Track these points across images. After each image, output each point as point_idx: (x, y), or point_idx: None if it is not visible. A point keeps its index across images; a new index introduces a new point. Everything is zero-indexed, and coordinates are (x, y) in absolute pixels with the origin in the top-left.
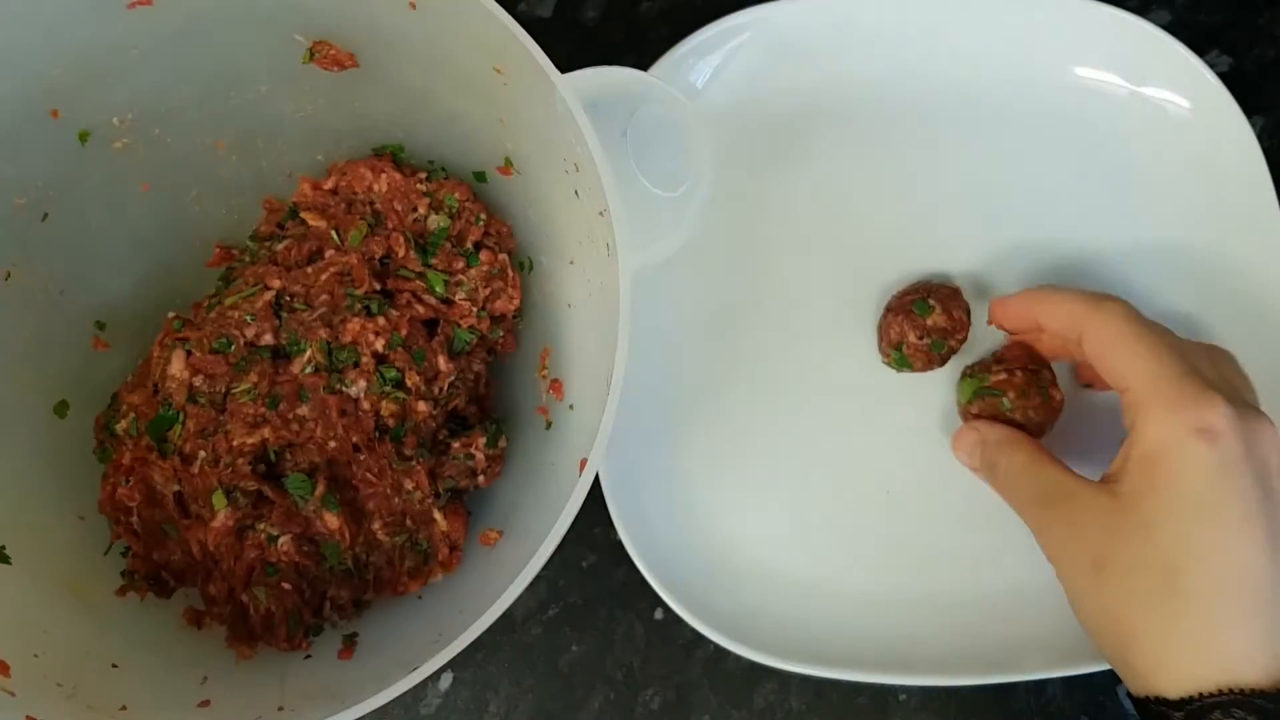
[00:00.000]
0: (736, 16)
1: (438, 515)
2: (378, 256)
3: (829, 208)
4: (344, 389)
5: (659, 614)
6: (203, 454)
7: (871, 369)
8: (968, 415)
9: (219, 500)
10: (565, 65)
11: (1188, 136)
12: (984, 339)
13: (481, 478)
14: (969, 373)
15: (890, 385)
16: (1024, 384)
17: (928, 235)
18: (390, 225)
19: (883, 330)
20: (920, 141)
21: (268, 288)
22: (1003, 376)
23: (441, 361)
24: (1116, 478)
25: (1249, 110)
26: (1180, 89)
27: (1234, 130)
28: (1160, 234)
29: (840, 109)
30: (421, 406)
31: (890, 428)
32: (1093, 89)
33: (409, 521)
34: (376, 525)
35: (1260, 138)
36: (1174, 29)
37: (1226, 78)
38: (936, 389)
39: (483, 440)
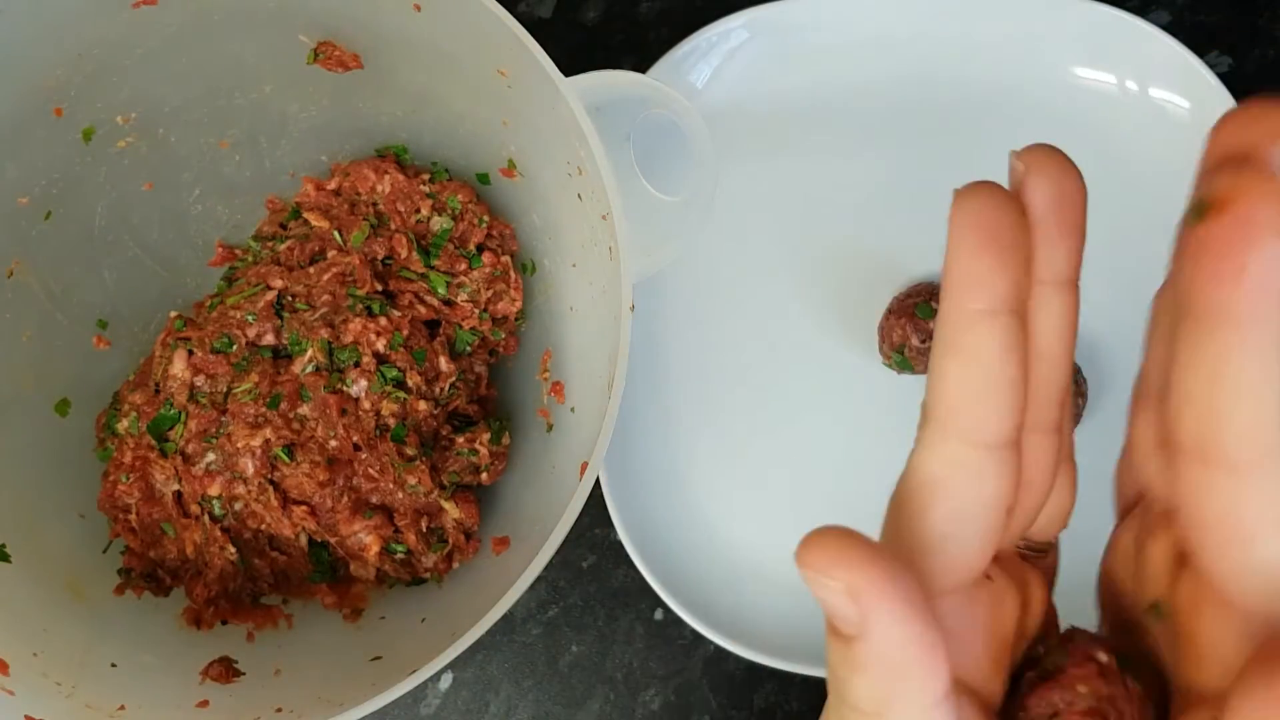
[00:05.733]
0: (736, 17)
1: (447, 504)
2: (380, 257)
3: (830, 208)
4: (345, 388)
5: (659, 614)
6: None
7: (872, 371)
8: None
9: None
10: (565, 66)
11: (1188, 136)
12: None
13: (485, 474)
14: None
15: (891, 387)
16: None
17: (930, 236)
18: (393, 226)
19: (884, 332)
20: (921, 142)
21: (270, 288)
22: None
23: (443, 362)
24: None
25: None
26: (1180, 89)
27: None
28: (1160, 234)
29: (841, 109)
30: (422, 406)
31: (890, 430)
32: (1093, 89)
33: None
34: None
35: None
36: (1174, 29)
37: (1226, 78)
38: None
39: (487, 436)
